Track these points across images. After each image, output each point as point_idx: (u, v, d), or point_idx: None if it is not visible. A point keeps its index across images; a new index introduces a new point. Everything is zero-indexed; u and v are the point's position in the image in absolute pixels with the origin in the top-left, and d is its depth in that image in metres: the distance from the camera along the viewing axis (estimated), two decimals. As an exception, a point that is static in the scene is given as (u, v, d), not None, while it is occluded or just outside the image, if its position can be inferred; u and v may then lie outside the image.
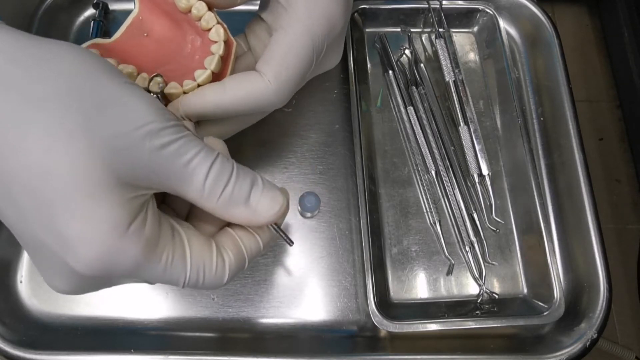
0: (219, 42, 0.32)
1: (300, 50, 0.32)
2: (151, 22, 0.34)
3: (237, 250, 0.27)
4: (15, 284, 0.40)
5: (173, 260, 0.24)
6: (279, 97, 0.32)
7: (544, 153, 0.46)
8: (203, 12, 0.32)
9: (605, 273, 0.39)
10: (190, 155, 0.23)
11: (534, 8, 0.48)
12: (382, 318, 0.36)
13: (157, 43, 0.34)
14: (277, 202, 0.26)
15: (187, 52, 0.33)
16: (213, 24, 0.32)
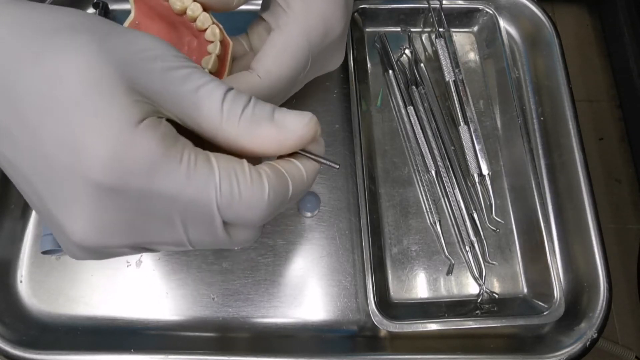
0: (215, 42, 0.32)
1: (294, 50, 0.32)
2: (147, 26, 0.34)
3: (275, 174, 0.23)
4: (15, 284, 0.40)
5: (197, 161, 0.21)
6: (270, 94, 0.32)
7: (544, 153, 0.46)
8: (198, 13, 0.32)
9: (605, 273, 0.39)
10: (203, 80, 0.22)
11: (534, 8, 0.48)
12: (382, 318, 0.36)
13: None
14: (304, 115, 0.24)
15: (184, 52, 0.33)
16: (208, 25, 0.32)
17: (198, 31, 0.33)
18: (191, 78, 0.22)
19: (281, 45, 0.32)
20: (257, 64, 0.32)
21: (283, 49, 0.32)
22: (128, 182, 0.20)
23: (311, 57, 0.33)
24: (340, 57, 0.40)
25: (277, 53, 0.32)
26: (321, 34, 0.33)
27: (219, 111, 0.22)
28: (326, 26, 0.33)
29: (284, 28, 0.32)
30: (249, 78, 0.32)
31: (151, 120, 0.21)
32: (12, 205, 0.41)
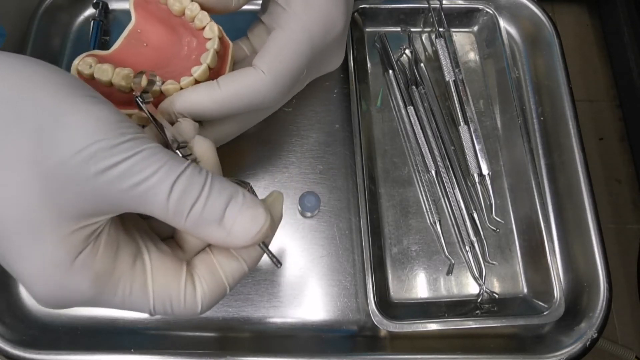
0: (213, 38, 0.32)
1: (296, 46, 0.32)
2: (148, 31, 0.34)
3: (212, 279, 0.24)
4: (15, 284, 0.40)
5: (132, 292, 0.22)
6: (273, 90, 0.32)
7: (544, 153, 0.46)
8: (196, 12, 0.32)
9: (605, 273, 0.39)
10: (147, 173, 0.21)
11: (534, 8, 0.48)
12: (382, 318, 0.36)
13: (155, 50, 0.34)
14: (257, 222, 0.23)
15: (184, 54, 0.34)
16: (206, 22, 0.32)
17: (197, 30, 0.33)
18: (134, 171, 0.20)
19: (283, 42, 0.32)
20: (259, 60, 0.32)
21: (285, 46, 0.32)
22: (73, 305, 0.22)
23: (313, 55, 0.33)
24: (340, 56, 0.40)
25: (280, 49, 0.32)
26: (322, 31, 0.33)
27: (165, 209, 0.21)
28: (327, 23, 0.33)
29: (285, 26, 0.33)
30: (252, 74, 0.31)
31: (85, 258, 0.21)
32: (12, 205, 0.41)
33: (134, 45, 0.34)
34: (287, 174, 0.43)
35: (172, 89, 0.31)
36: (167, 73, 0.33)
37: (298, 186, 0.43)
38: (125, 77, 0.31)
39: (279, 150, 0.44)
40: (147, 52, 0.34)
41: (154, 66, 0.33)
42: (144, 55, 0.34)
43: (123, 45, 0.34)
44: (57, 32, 0.47)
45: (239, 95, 0.31)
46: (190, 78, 0.31)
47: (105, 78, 0.31)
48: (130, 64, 0.32)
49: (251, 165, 0.43)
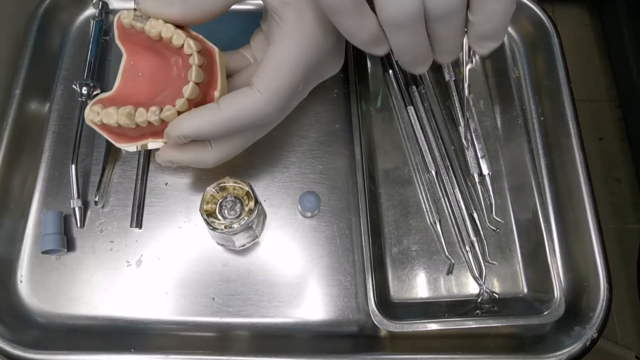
0: (192, 54, 0.33)
1: (291, 63, 0.33)
2: (139, 61, 0.36)
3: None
4: (15, 284, 0.40)
5: None
6: (271, 108, 0.33)
7: (544, 153, 0.46)
8: (171, 32, 0.33)
9: (605, 273, 0.39)
10: None
11: (534, 8, 0.48)
12: (382, 318, 0.36)
13: (150, 77, 0.35)
14: None
15: (175, 74, 0.34)
16: (183, 39, 0.33)
17: (178, 49, 0.34)
18: None
19: (278, 60, 0.33)
20: (256, 80, 0.33)
21: (280, 64, 0.33)
22: None
23: (308, 68, 0.34)
24: (340, 61, 0.40)
25: (275, 68, 0.32)
26: (316, 45, 0.33)
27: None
28: (320, 36, 0.33)
29: (279, 42, 0.33)
30: (250, 95, 0.32)
31: None
32: (12, 205, 0.41)
33: (131, 78, 0.36)
34: (287, 174, 0.43)
35: (170, 115, 0.33)
36: (166, 97, 0.34)
37: (298, 186, 0.43)
38: (127, 115, 0.33)
39: (279, 150, 0.44)
40: (144, 82, 0.36)
41: (153, 93, 0.35)
42: (142, 86, 0.35)
43: (122, 81, 0.36)
44: (57, 32, 0.47)
45: (239, 116, 0.32)
46: (183, 100, 0.32)
47: (112, 121, 0.33)
48: (133, 97, 0.34)
49: (251, 165, 0.43)
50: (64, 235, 0.40)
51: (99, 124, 0.34)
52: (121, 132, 0.35)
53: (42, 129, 0.44)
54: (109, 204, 0.42)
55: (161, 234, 0.41)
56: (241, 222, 0.34)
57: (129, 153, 0.43)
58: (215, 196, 0.35)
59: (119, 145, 0.36)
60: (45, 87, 0.45)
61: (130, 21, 0.34)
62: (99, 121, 0.34)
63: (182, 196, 0.42)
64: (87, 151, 0.43)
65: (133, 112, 0.33)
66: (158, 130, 0.34)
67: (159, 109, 0.32)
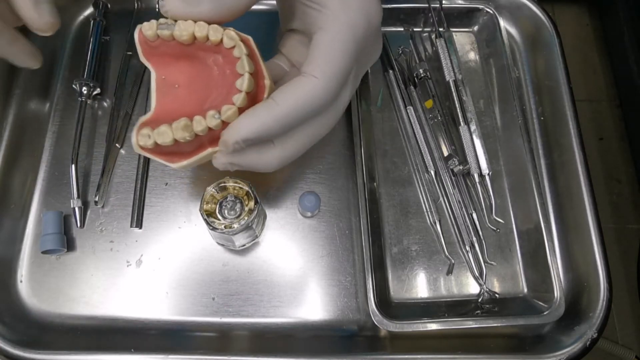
0: (237, 44, 0.31)
1: (342, 45, 0.32)
2: (172, 73, 0.33)
3: None
4: (15, 284, 0.40)
5: None
6: (329, 93, 0.31)
7: (544, 153, 0.46)
8: (205, 29, 0.31)
9: (605, 273, 0.39)
10: None
11: (534, 7, 0.48)
12: (382, 317, 0.36)
13: (189, 86, 0.33)
14: None
15: (217, 74, 0.32)
16: (221, 33, 0.31)
17: (216, 45, 0.31)
18: None
19: (329, 43, 0.32)
20: (309, 67, 0.31)
21: (331, 47, 0.31)
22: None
23: (358, 50, 0.33)
24: (379, 46, 0.38)
25: (327, 51, 0.31)
26: (364, 25, 0.33)
27: None
28: (367, 17, 0.33)
29: (326, 27, 0.32)
30: (306, 82, 0.31)
31: None
32: (12, 205, 0.41)
33: (168, 94, 0.33)
34: (287, 174, 0.43)
35: (232, 114, 0.30)
36: (215, 100, 0.32)
37: (298, 186, 0.43)
38: (184, 128, 0.30)
39: (279, 150, 0.43)
40: (183, 93, 0.33)
41: (198, 101, 0.32)
42: (183, 97, 0.33)
43: (159, 98, 0.33)
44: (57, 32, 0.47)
45: (298, 107, 0.31)
46: (242, 94, 0.30)
47: (168, 139, 0.30)
48: (178, 112, 0.31)
49: (251, 165, 0.43)
50: (64, 235, 0.40)
51: (150, 148, 0.31)
52: (176, 150, 0.32)
53: (42, 129, 0.44)
54: (109, 204, 0.42)
55: (161, 234, 0.41)
56: (241, 222, 0.34)
57: (129, 153, 0.43)
58: (215, 196, 0.35)
59: (176, 165, 0.32)
60: (45, 87, 0.45)
61: (154, 32, 0.31)
62: (152, 144, 0.30)
63: (182, 196, 0.42)
64: (87, 151, 0.43)
65: (189, 122, 0.30)
66: (217, 136, 0.31)
67: (217, 112, 0.30)
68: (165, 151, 0.31)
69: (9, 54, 0.32)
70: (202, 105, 0.32)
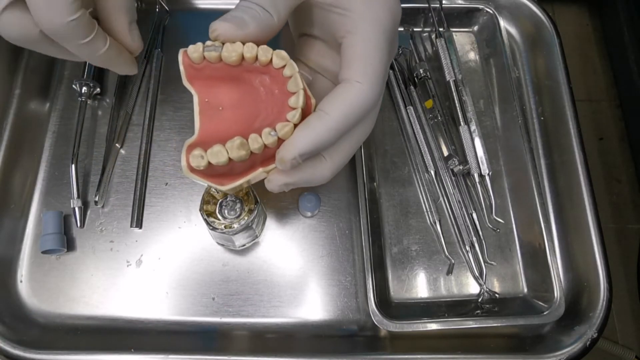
0: (287, 62, 0.30)
1: (377, 45, 0.31)
2: (215, 96, 0.32)
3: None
4: (15, 284, 0.40)
5: None
6: (375, 95, 0.31)
7: (544, 153, 0.46)
8: (255, 49, 0.30)
9: (605, 273, 0.39)
10: None
11: (534, 7, 0.48)
12: (382, 317, 0.36)
13: (235, 108, 0.32)
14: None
15: (264, 94, 0.32)
16: (270, 53, 0.31)
17: (264, 66, 0.31)
18: None
19: (364, 46, 0.31)
20: (348, 72, 0.31)
21: (367, 49, 0.31)
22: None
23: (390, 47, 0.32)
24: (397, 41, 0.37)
25: (364, 54, 0.31)
26: (391, 21, 0.32)
27: None
28: (391, 12, 0.32)
29: (355, 30, 0.31)
30: (351, 88, 0.30)
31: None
32: (12, 205, 0.41)
33: (213, 116, 0.32)
34: (287, 173, 0.43)
35: (289, 130, 0.29)
36: (264, 121, 0.31)
37: (298, 186, 0.42)
38: (240, 146, 0.29)
39: (279, 150, 0.43)
40: (229, 115, 0.32)
41: (245, 122, 0.31)
42: (228, 120, 0.32)
43: (203, 122, 0.31)
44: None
45: (349, 114, 0.30)
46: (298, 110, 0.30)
47: (223, 158, 0.29)
48: (224, 134, 0.30)
49: (251, 165, 0.43)
50: (64, 235, 0.40)
51: (201, 170, 0.29)
52: (228, 171, 0.30)
53: (42, 129, 0.44)
54: (109, 204, 0.42)
55: (161, 234, 0.41)
56: (241, 222, 0.34)
57: (129, 153, 0.43)
58: (215, 196, 0.35)
59: (226, 187, 0.31)
60: (45, 87, 0.45)
61: (200, 54, 0.31)
62: (205, 165, 0.29)
63: (182, 196, 0.42)
64: (87, 151, 0.43)
65: (245, 141, 0.29)
66: (269, 155, 0.31)
67: (273, 129, 0.29)
68: (217, 173, 0.30)
69: (116, 63, 0.35)
70: (251, 126, 0.31)
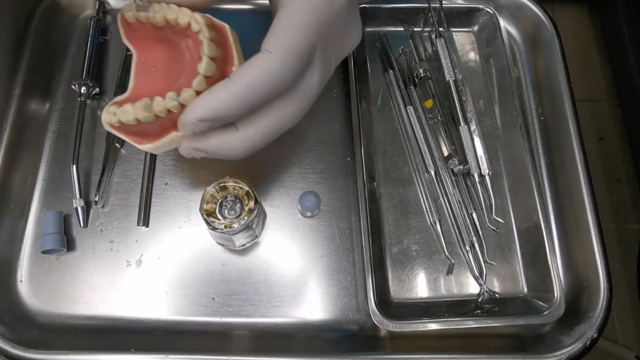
0: (201, 28, 0.31)
1: (300, 20, 0.31)
2: (150, 56, 0.34)
3: None
4: (15, 284, 0.40)
5: None
6: (286, 69, 0.30)
7: (544, 152, 0.46)
8: (175, 12, 0.32)
9: (605, 272, 0.39)
10: None
11: (534, 7, 0.48)
12: (382, 317, 0.36)
13: (164, 69, 0.34)
14: None
15: (188, 58, 0.33)
16: (189, 17, 0.31)
17: (185, 29, 0.32)
18: None
19: (287, 19, 0.31)
20: (265, 43, 0.30)
21: (289, 21, 0.31)
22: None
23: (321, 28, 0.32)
24: (358, 31, 0.38)
25: (283, 26, 0.30)
26: (327, 4, 0.32)
27: None
28: None
29: (286, 3, 0.31)
30: (261, 58, 0.30)
31: None
32: (12, 205, 0.41)
33: (145, 75, 0.34)
34: (287, 173, 0.43)
35: (189, 96, 0.30)
36: (182, 84, 0.32)
37: (298, 186, 0.43)
38: (145, 107, 0.30)
39: (279, 151, 0.44)
40: (158, 75, 0.34)
41: (168, 84, 0.33)
42: (157, 80, 0.33)
43: (136, 80, 0.34)
44: (57, 32, 0.47)
45: (255, 84, 0.30)
46: (199, 77, 0.30)
47: (131, 117, 0.30)
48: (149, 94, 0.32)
49: (251, 165, 0.43)
50: (64, 235, 0.40)
51: (117, 126, 0.32)
52: (142, 131, 0.32)
53: (42, 129, 0.44)
54: (109, 204, 0.42)
55: (161, 234, 0.41)
56: (241, 222, 0.34)
57: (130, 153, 0.43)
58: (215, 196, 0.35)
59: (143, 146, 0.33)
60: (45, 87, 0.45)
61: (133, 13, 0.32)
62: (117, 121, 0.31)
63: (182, 196, 0.42)
64: (87, 151, 0.43)
65: (150, 102, 0.30)
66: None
67: (176, 94, 0.30)
68: (132, 131, 0.33)
69: None
70: (171, 87, 0.32)
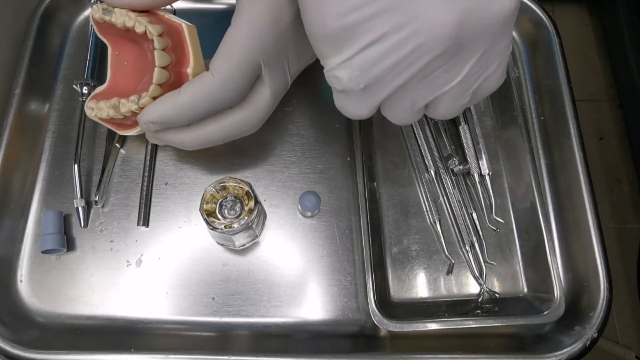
0: (155, 38, 0.33)
1: (242, 42, 0.32)
2: (122, 51, 0.37)
3: None
4: (15, 283, 0.40)
5: None
6: (225, 91, 0.32)
7: (544, 152, 0.46)
8: (132, 21, 0.33)
9: (605, 272, 0.39)
10: None
11: (534, 7, 0.48)
12: (382, 317, 0.36)
13: (133, 65, 0.36)
14: None
15: (150, 59, 0.35)
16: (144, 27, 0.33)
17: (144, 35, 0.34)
18: None
19: (230, 40, 0.32)
20: (211, 62, 0.32)
21: (231, 43, 0.32)
22: None
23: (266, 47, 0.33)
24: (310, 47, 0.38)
25: (226, 47, 0.32)
26: (270, 21, 0.32)
27: None
28: (273, 12, 0.32)
29: (232, 22, 0.33)
30: (204, 78, 0.32)
31: None
32: (12, 205, 0.41)
33: (118, 69, 0.37)
34: (287, 173, 0.43)
35: (146, 102, 0.33)
36: (145, 84, 0.35)
37: (298, 186, 0.43)
38: (113, 107, 0.34)
39: (279, 150, 0.44)
40: (129, 71, 0.37)
41: (136, 81, 0.36)
42: (129, 76, 0.36)
43: (113, 73, 0.37)
44: (56, 32, 0.47)
45: (196, 100, 0.32)
46: (153, 86, 0.33)
47: (104, 114, 0.35)
48: (122, 88, 0.36)
49: (251, 164, 0.43)
50: (64, 235, 0.40)
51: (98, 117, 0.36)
52: (119, 122, 0.36)
53: (42, 129, 0.44)
54: (109, 204, 0.42)
55: (161, 234, 0.41)
56: (241, 222, 0.34)
57: (130, 153, 0.43)
58: (215, 196, 0.35)
59: (122, 132, 0.37)
60: (45, 87, 0.45)
61: (100, 15, 0.34)
62: (95, 116, 0.36)
63: (182, 196, 0.42)
64: (87, 151, 0.43)
65: (117, 103, 0.34)
66: None
67: (137, 97, 0.33)
68: (111, 122, 0.37)
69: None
70: (137, 85, 0.36)
